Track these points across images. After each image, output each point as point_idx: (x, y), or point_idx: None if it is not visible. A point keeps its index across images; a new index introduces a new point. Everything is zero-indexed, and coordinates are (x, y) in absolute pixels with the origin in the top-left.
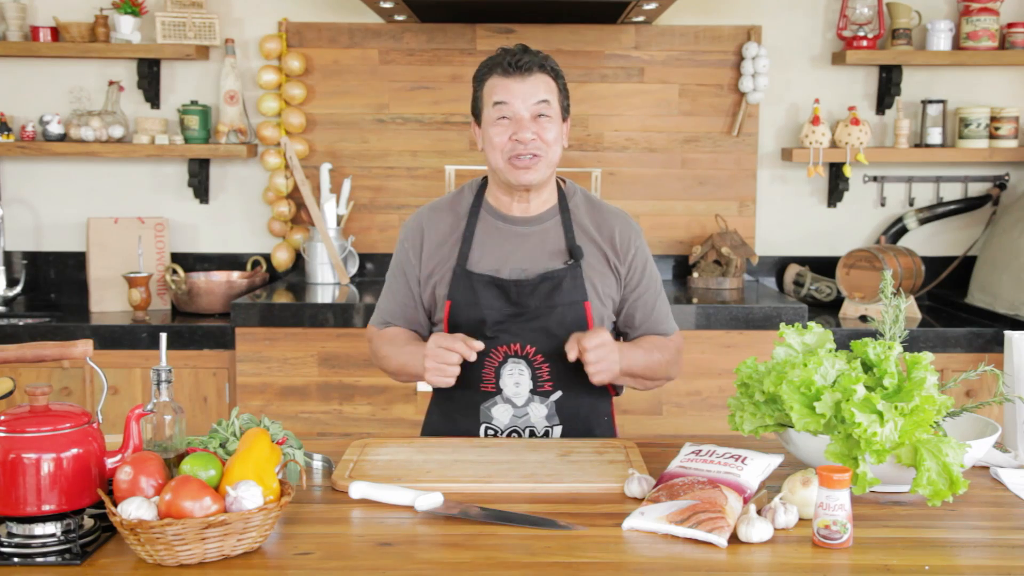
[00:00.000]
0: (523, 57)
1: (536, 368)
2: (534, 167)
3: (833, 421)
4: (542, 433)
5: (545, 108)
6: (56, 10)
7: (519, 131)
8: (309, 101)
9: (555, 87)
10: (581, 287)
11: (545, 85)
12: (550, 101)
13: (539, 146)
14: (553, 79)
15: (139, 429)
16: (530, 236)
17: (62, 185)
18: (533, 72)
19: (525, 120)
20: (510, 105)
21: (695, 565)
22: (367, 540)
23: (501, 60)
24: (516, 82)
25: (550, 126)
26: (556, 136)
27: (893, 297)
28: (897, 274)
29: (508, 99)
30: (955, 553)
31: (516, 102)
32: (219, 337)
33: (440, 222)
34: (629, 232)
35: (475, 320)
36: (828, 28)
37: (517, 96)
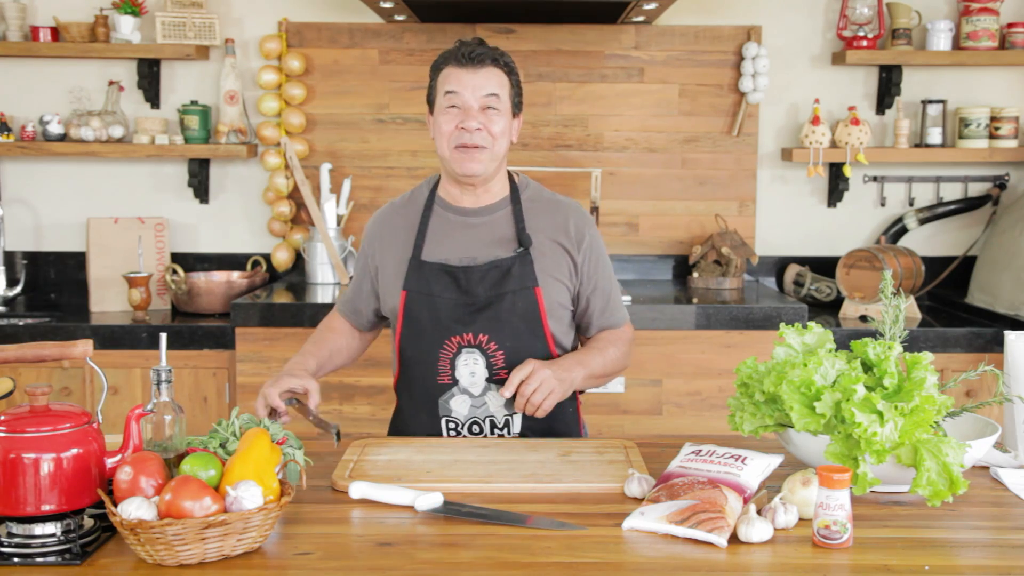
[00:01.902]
0: (477, 49)
1: (490, 356)
2: (478, 158)
3: (833, 421)
4: (502, 424)
5: (494, 101)
6: (56, 10)
7: (466, 120)
8: (309, 101)
9: (507, 82)
10: (531, 274)
11: (497, 79)
12: (499, 95)
13: (484, 137)
14: (506, 74)
15: (139, 429)
16: (480, 226)
17: (62, 185)
18: (485, 64)
19: (473, 110)
20: (460, 95)
21: (695, 565)
22: (367, 540)
23: (456, 51)
24: (468, 73)
25: (497, 119)
26: (503, 129)
27: (893, 297)
28: (897, 274)
29: (458, 89)
30: (955, 553)
31: (466, 92)
32: (219, 337)
33: (397, 216)
34: (583, 222)
35: (428, 309)
36: (828, 28)
37: (467, 87)
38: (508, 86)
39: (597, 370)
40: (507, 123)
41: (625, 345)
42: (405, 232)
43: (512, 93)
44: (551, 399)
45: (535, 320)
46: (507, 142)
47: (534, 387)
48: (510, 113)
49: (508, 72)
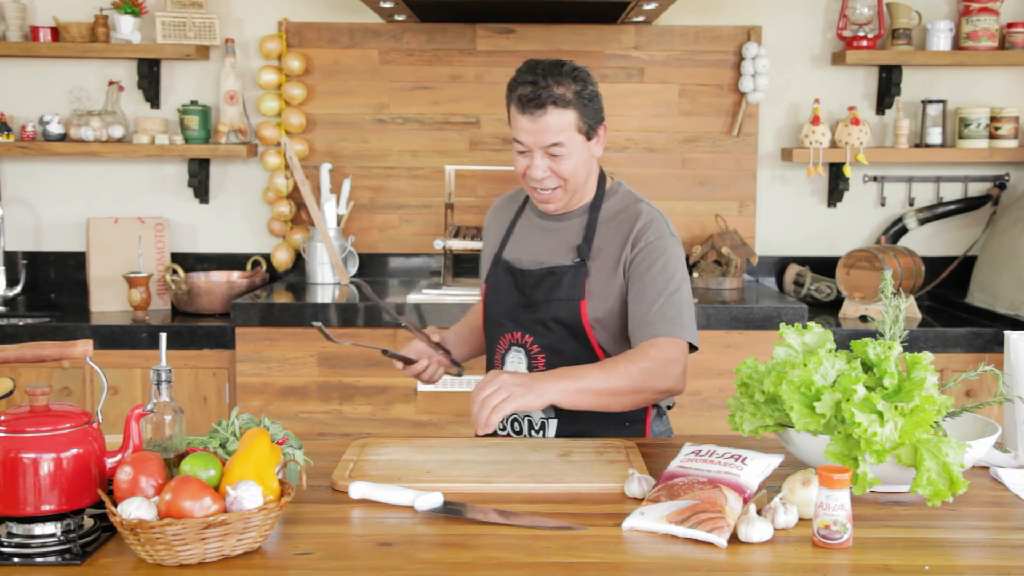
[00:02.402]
0: (536, 93)
1: (532, 358)
2: (553, 199)
3: (833, 421)
4: (539, 425)
5: (557, 149)
6: (56, 10)
7: (531, 168)
8: (309, 101)
9: (572, 117)
10: (580, 286)
11: (558, 122)
12: (563, 142)
13: (553, 180)
14: (572, 107)
15: (139, 429)
16: (556, 231)
17: (62, 185)
18: (545, 110)
19: (537, 157)
20: (524, 143)
21: (695, 565)
22: (367, 540)
23: (518, 89)
24: (529, 121)
25: (564, 160)
26: (575, 165)
27: (893, 297)
28: (897, 274)
29: (522, 138)
30: (955, 553)
31: (529, 140)
32: (219, 337)
33: (503, 210)
34: (644, 230)
35: (494, 304)
36: (828, 28)
37: (529, 135)
38: (574, 120)
39: (594, 385)
40: (581, 155)
41: (647, 360)
42: (502, 227)
43: (580, 123)
44: (506, 404)
45: (578, 329)
46: (584, 171)
47: (487, 392)
48: (584, 142)
49: (574, 103)
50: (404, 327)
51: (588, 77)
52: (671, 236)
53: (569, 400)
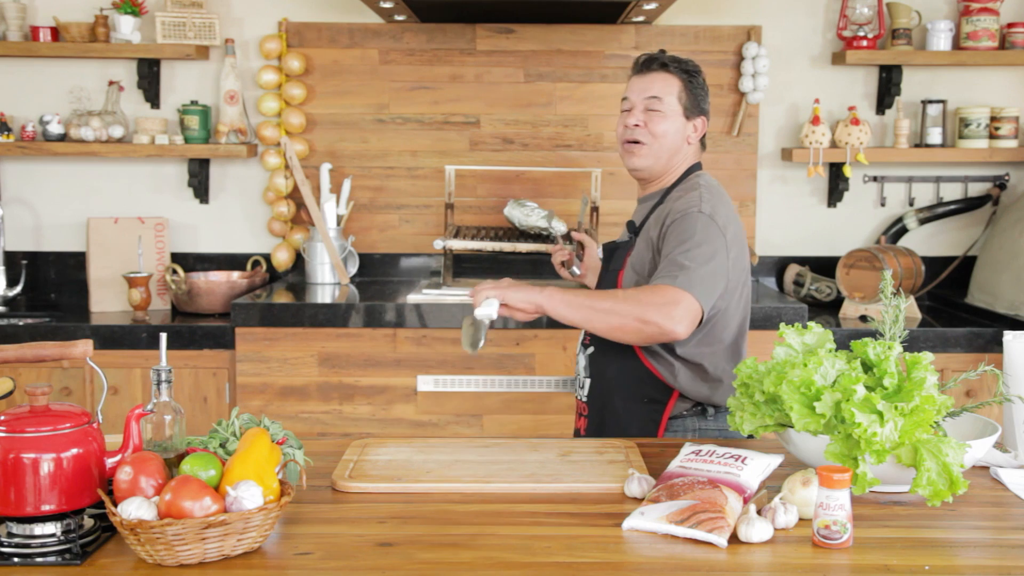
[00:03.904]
0: (652, 56)
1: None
2: (637, 153)
3: (833, 421)
4: (583, 383)
5: (655, 103)
6: (56, 10)
7: (629, 117)
8: (309, 101)
9: (676, 85)
10: (622, 259)
11: (663, 83)
12: (661, 97)
13: (644, 134)
14: (676, 76)
15: (139, 429)
16: (636, 212)
17: (62, 185)
18: (653, 69)
19: (637, 109)
20: (629, 99)
21: (695, 565)
22: (367, 540)
23: (636, 60)
24: (637, 78)
25: (659, 119)
26: (666, 130)
27: (893, 297)
28: (897, 274)
29: (629, 93)
30: (955, 553)
31: (633, 95)
32: (219, 337)
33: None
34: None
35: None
36: (828, 28)
37: (635, 90)
38: (677, 89)
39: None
40: (674, 125)
41: (637, 291)
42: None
43: (684, 96)
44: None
45: None
46: (674, 142)
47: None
48: (681, 116)
49: (680, 75)
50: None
51: (701, 74)
52: (699, 213)
53: (553, 305)
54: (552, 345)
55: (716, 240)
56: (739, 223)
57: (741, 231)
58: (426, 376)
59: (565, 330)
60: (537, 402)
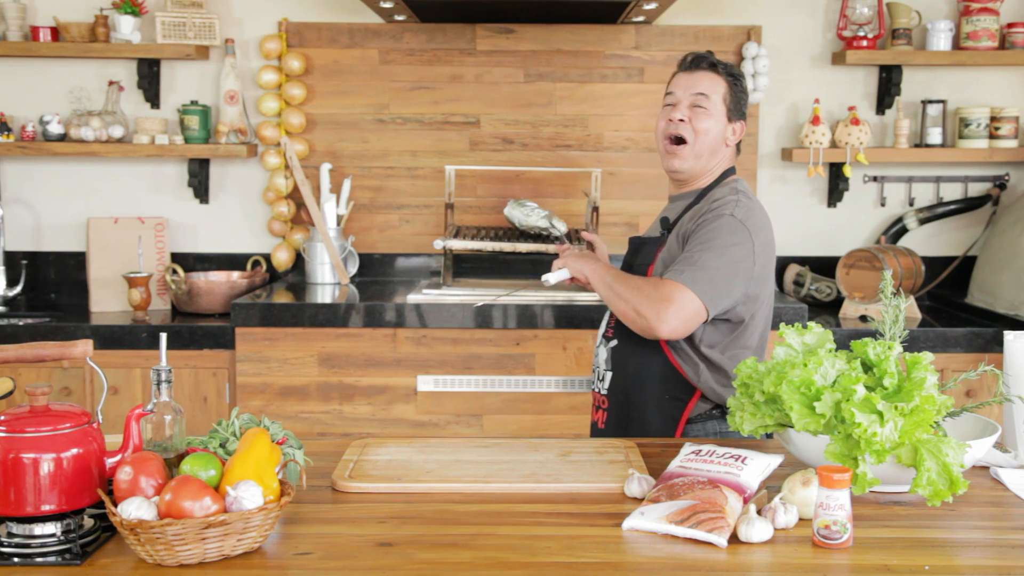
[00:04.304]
0: (701, 56)
1: (608, 314)
2: (680, 154)
3: (833, 421)
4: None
5: (702, 100)
6: (56, 10)
7: (674, 111)
8: (309, 101)
9: (722, 86)
10: (651, 255)
11: (709, 81)
12: (708, 95)
13: (687, 129)
14: (724, 79)
15: (139, 429)
16: (670, 209)
17: (62, 185)
18: (701, 68)
19: (682, 105)
20: (674, 94)
21: (695, 565)
22: (367, 540)
23: (687, 57)
24: (684, 75)
25: (704, 116)
26: (709, 128)
27: (893, 297)
28: (897, 274)
29: (674, 88)
30: (955, 553)
31: (679, 91)
32: (219, 337)
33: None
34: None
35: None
36: (828, 28)
37: (681, 86)
38: (723, 90)
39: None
40: (716, 124)
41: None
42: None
43: (729, 98)
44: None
45: None
46: (715, 141)
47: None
48: (724, 117)
49: (726, 77)
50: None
51: (743, 79)
52: (731, 216)
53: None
54: (552, 345)
55: (742, 244)
56: (771, 232)
57: (772, 240)
58: (426, 376)
59: (565, 330)
60: (537, 402)
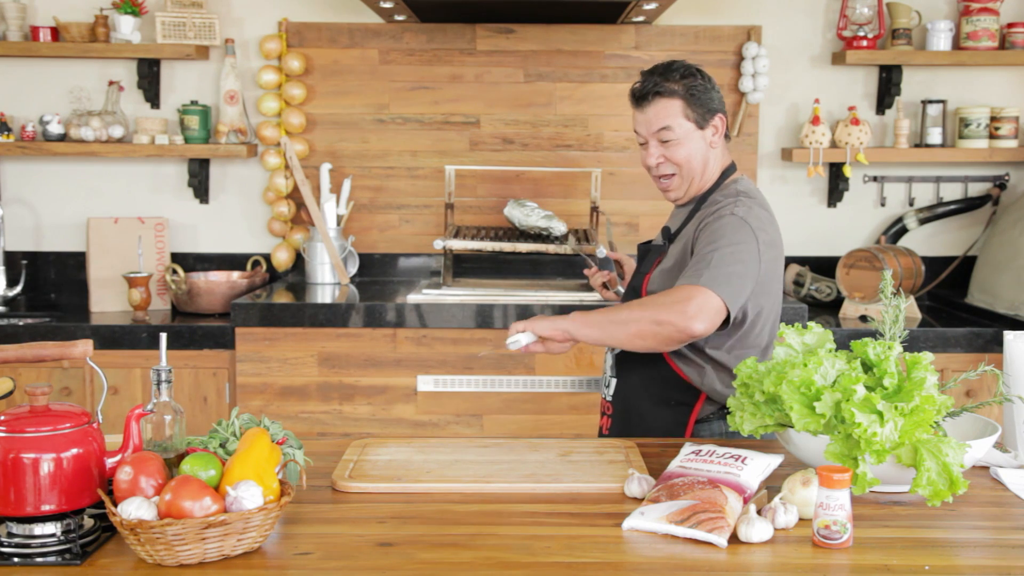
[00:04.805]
0: (643, 85)
1: None
2: (671, 188)
3: (833, 421)
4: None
5: (665, 134)
6: (56, 10)
7: (647, 157)
8: (309, 101)
9: (678, 106)
10: (651, 264)
11: (664, 110)
12: (671, 126)
13: (668, 166)
14: (677, 98)
15: (139, 429)
16: (675, 216)
17: (62, 185)
18: (648, 100)
19: (652, 146)
20: (639, 134)
21: (695, 565)
22: (367, 540)
23: (632, 88)
24: (639, 113)
25: (676, 147)
26: (688, 153)
27: (893, 297)
28: (897, 274)
29: (637, 128)
30: (955, 553)
31: (641, 130)
32: (219, 337)
33: None
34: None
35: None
36: (828, 28)
37: (641, 124)
38: (680, 109)
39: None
40: (693, 144)
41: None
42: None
43: (691, 111)
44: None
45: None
46: (699, 160)
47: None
48: (695, 131)
49: (680, 93)
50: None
51: (699, 73)
52: (731, 215)
53: (578, 328)
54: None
55: (748, 242)
56: (776, 228)
57: (778, 237)
58: (426, 376)
59: None
60: (537, 402)
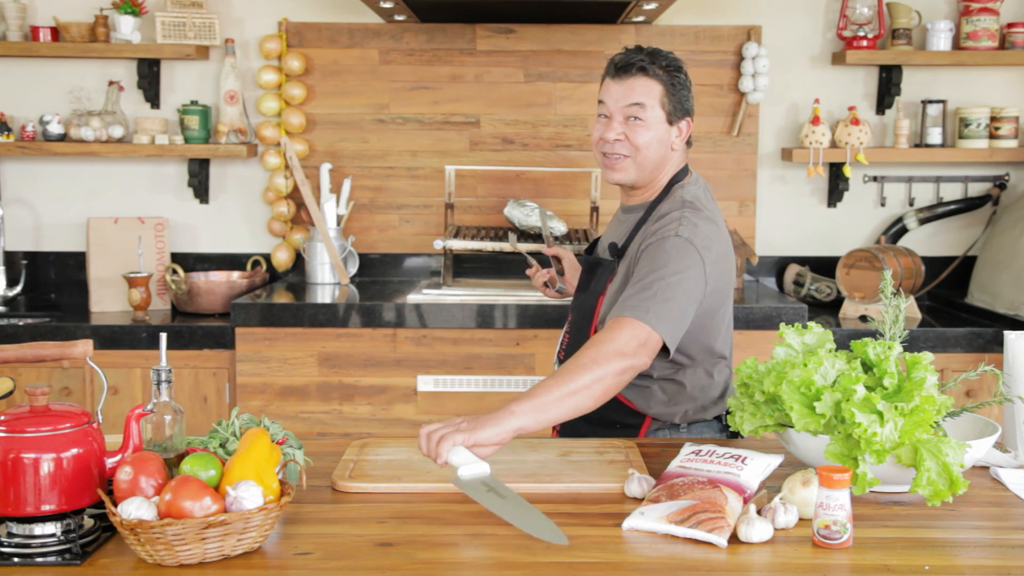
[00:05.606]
0: (629, 57)
1: (564, 335)
2: (620, 167)
3: (833, 421)
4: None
5: (637, 111)
6: (56, 10)
7: (607, 130)
8: (309, 101)
9: (658, 90)
10: (602, 282)
11: (643, 88)
12: (644, 104)
13: (625, 147)
14: (659, 82)
15: (139, 429)
16: (623, 224)
17: (62, 185)
18: (631, 74)
19: (616, 120)
20: (606, 104)
21: (695, 565)
22: (367, 540)
23: (615, 59)
24: (615, 83)
25: (641, 129)
26: (650, 139)
27: (893, 297)
28: (897, 274)
29: (606, 98)
30: (955, 553)
31: (611, 102)
32: (219, 337)
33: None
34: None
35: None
36: (828, 28)
37: (612, 96)
38: (660, 94)
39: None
40: (657, 133)
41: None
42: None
43: (667, 100)
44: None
45: (589, 321)
46: (658, 152)
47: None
48: (663, 122)
49: (663, 79)
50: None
51: (683, 69)
52: (675, 237)
53: (534, 419)
54: (552, 345)
55: (693, 267)
56: (723, 238)
57: (725, 246)
58: (426, 376)
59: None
60: None
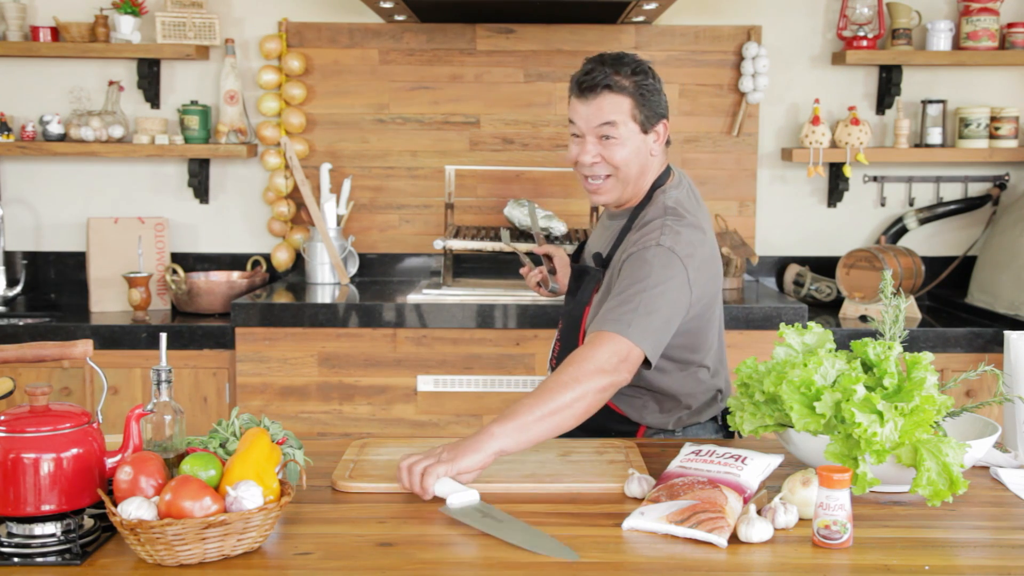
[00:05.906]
0: (591, 75)
1: (554, 344)
2: (603, 190)
3: (833, 421)
4: None
5: (609, 130)
6: (56, 10)
7: (582, 153)
8: (309, 101)
9: (627, 104)
10: (588, 292)
11: (611, 105)
12: (615, 121)
13: (604, 167)
14: (627, 95)
15: (139, 429)
16: (608, 229)
17: (62, 185)
18: (597, 93)
19: (589, 143)
20: (577, 124)
21: (695, 565)
22: (367, 540)
23: (577, 75)
24: (582, 104)
25: (616, 147)
26: (627, 155)
27: (893, 297)
28: (897, 274)
29: (575, 119)
30: (955, 553)
31: (580, 123)
32: (219, 337)
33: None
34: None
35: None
36: (828, 28)
37: (581, 116)
38: (629, 107)
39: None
40: (634, 145)
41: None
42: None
43: (638, 111)
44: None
45: (576, 331)
46: (639, 162)
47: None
48: (638, 133)
49: (630, 91)
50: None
51: (650, 72)
52: (657, 247)
53: (515, 440)
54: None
55: (676, 277)
56: (707, 244)
57: (709, 252)
58: (426, 376)
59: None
60: None
